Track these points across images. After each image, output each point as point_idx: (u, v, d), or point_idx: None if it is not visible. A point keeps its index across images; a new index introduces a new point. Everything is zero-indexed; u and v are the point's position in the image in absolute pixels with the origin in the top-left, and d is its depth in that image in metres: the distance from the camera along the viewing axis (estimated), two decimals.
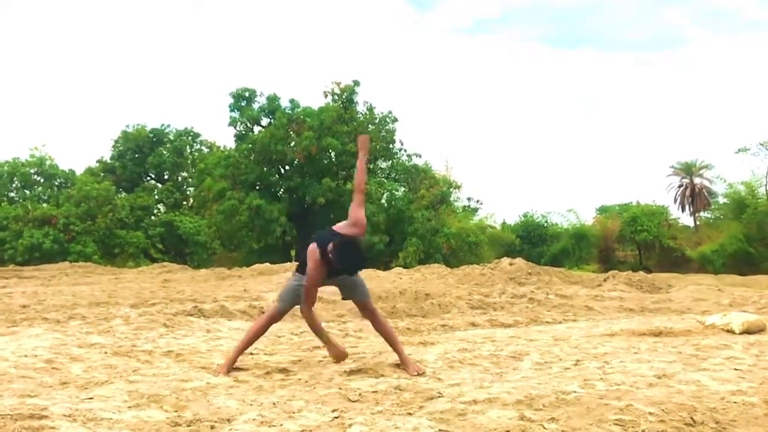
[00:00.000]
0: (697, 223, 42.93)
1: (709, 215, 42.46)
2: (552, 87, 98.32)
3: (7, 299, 9.80)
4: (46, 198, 32.62)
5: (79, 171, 35.22)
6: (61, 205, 29.68)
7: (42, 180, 33.59)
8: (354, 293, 4.77)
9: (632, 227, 36.34)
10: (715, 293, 12.38)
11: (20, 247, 27.04)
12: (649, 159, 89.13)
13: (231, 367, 4.60)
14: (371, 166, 33.06)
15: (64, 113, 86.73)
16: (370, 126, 31.76)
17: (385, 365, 4.75)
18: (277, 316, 4.79)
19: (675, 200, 46.35)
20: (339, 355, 4.67)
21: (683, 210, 45.79)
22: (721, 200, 39.47)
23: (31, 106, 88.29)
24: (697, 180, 45.34)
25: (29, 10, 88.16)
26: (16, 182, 33.18)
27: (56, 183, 33.73)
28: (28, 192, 33.13)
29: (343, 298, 4.92)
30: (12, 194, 33.09)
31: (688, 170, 45.78)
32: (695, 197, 44.75)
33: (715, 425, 3.14)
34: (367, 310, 4.82)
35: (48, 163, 33.41)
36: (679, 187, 46.36)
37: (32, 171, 33.21)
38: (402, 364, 4.65)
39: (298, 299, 4.65)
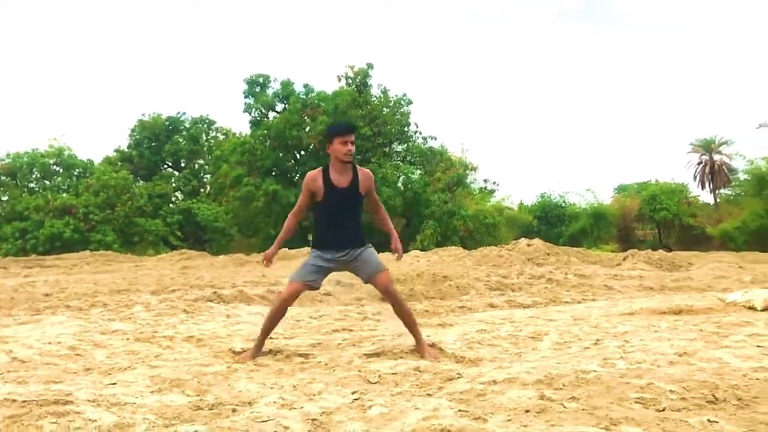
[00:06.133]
0: (717, 200, 42.44)
1: (730, 192, 41.97)
2: (569, 65, 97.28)
3: (30, 288, 9.94)
4: (65, 188, 32.99)
5: (97, 161, 35.67)
6: (80, 194, 30.01)
7: (61, 170, 33.94)
8: (367, 269, 4.50)
9: (651, 206, 36.03)
10: (736, 270, 12.24)
11: (42, 236, 27.42)
12: (667, 136, 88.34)
13: None
14: (387, 150, 32.99)
15: (82, 104, 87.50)
16: (384, 109, 31.66)
17: (403, 347, 4.76)
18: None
19: (694, 177, 45.82)
20: None
21: (703, 187, 45.27)
22: (742, 177, 39.02)
23: (49, 98, 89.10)
24: (716, 157, 44.73)
25: (45, 2, 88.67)
26: (36, 173, 33.56)
27: (75, 173, 34.07)
28: (47, 182, 33.51)
29: (364, 282, 4.63)
30: (32, 185, 33.49)
31: (707, 147, 45.17)
32: (715, 174, 44.18)
33: (737, 402, 3.10)
34: (386, 288, 4.53)
35: (66, 153, 33.75)
36: (699, 164, 45.77)
37: (51, 162, 33.56)
38: (418, 349, 4.51)
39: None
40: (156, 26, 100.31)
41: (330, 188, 4.40)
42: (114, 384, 3.68)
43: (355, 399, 3.37)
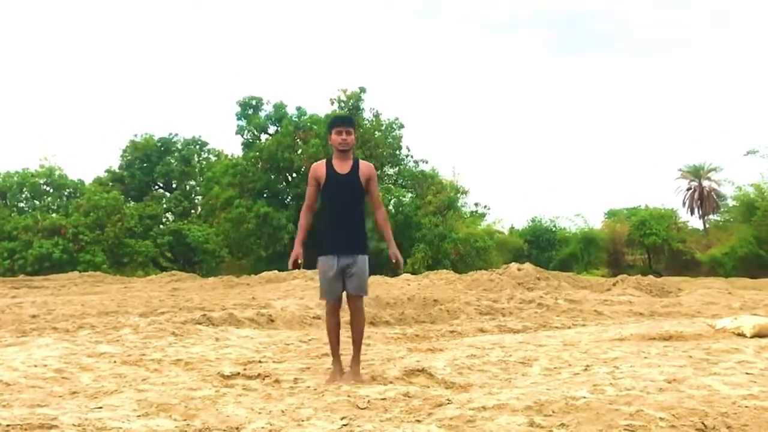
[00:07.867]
0: (707, 226, 42.71)
1: (719, 218, 42.25)
2: (559, 91, 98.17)
3: (17, 309, 9.85)
4: (55, 208, 32.77)
5: (88, 181, 35.46)
6: (70, 214, 29.80)
7: (51, 190, 33.75)
8: (353, 283, 4.64)
9: (641, 231, 36.17)
10: (726, 296, 12.28)
11: (30, 257, 27.16)
12: (657, 162, 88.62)
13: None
14: (378, 173, 33.08)
15: (73, 124, 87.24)
16: (376, 132, 31.80)
17: (393, 372, 4.74)
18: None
19: (684, 203, 46.27)
20: None
21: (692, 213, 45.68)
22: (731, 203, 39.29)
23: (40, 118, 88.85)
24: (705, 183, 45.19)
25: (38, 21, 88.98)
26: (26, 193, 33.35)
27: (65, 193, 33.88)
28: (37, 202, 33.28)
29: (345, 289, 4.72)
30: (22, 205, 33.25)
31: (696, 173, 45.63)
32: (704, 200, 44.59)
33: (726, 430, 3.11)
34: (358, 309, 4.73)
35: (57, 173, 33.59)
36: (688, 190, 46.23)
37: (42, 181, 33.38)
38: (351, 368, 4.70)
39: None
40: (149, 47, 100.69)
41: (331, 173, 4.70)
42: (100, 408, 3.64)
43: (344, 425, 3.35)
